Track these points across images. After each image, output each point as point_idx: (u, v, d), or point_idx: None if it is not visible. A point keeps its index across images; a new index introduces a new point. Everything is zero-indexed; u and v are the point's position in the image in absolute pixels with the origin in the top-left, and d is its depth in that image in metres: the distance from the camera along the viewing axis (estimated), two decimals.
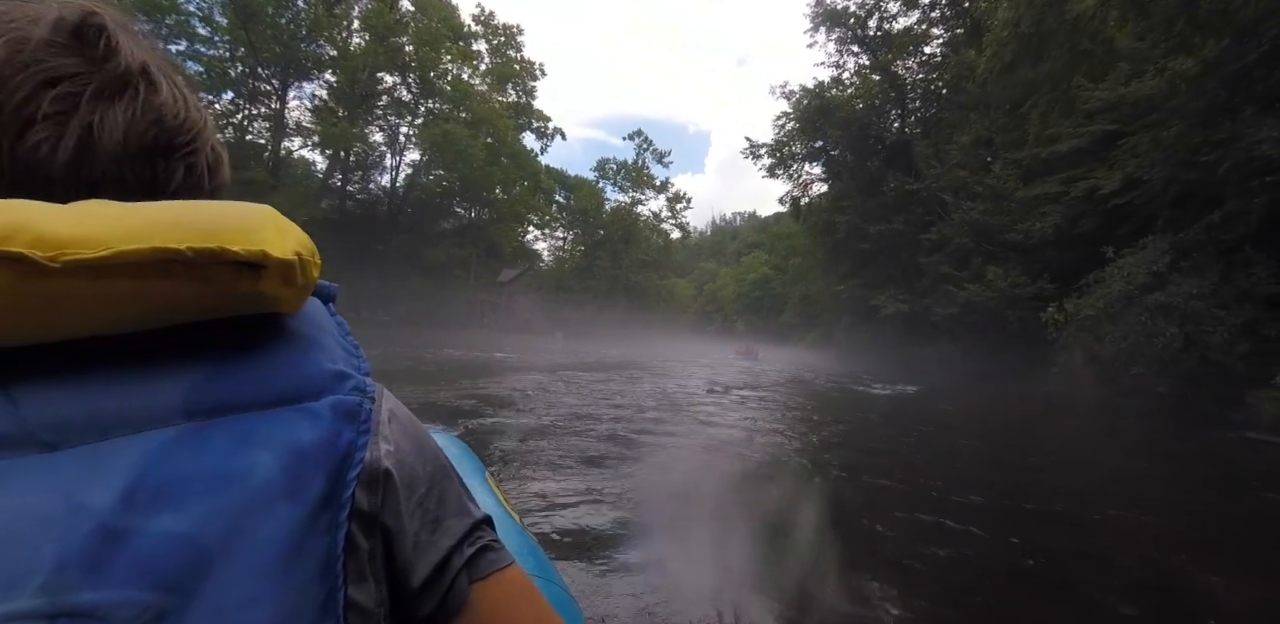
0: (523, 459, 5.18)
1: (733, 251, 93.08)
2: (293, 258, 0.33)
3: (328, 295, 0.43)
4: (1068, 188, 17.79)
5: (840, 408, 11.62)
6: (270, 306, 0.35)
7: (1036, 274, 17.35)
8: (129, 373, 0.32)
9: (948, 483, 5.35)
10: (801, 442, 7.16)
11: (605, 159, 56.24)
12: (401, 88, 34.01)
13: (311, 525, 0.31)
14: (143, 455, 0.29)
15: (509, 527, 1.23)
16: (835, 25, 25.65)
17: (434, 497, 0.41)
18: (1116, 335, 10.73)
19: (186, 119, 0.40)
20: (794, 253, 48.34)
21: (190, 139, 0.40)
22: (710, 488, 4.70)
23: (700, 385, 14.05)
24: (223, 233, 0.31)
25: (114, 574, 0.26)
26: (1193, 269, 10.40)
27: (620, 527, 3.54)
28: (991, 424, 9.87)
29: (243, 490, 0.30)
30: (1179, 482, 6.22)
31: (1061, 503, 4.96)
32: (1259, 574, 3.59)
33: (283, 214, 0.36)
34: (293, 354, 0.36)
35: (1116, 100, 17.82)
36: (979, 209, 19.02)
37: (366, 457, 0.36)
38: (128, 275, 0.29)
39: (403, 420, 0.42)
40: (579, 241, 52.98)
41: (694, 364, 24.88)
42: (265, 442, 0.32)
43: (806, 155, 28.89)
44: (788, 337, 54.13)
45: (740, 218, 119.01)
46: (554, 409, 8.06)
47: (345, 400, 0.36)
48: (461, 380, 10.94)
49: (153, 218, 0.31)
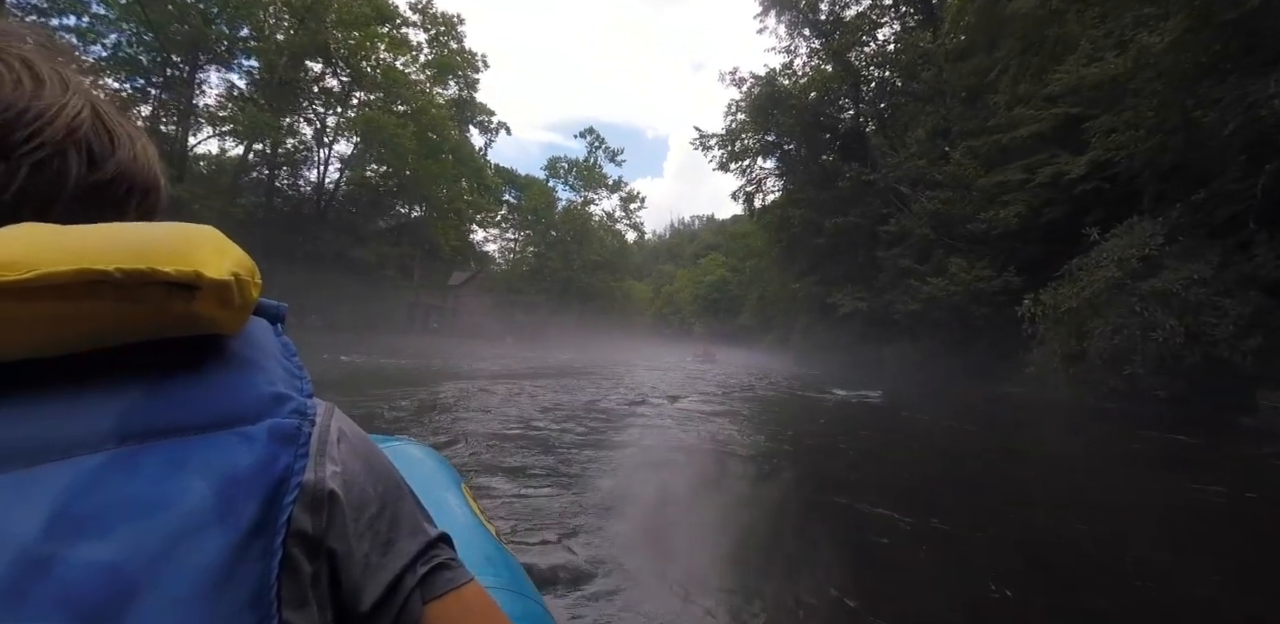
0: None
1: (690, 254, 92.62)
2: (228, 278, 0.32)
3: (275, 315, 0.42)
4: (1031, 174, 16.76)
5: (796, 421, 10.04)
6: (207, 328, 0.34)
7: (1002, 266, 16.20)
8: (61, 396, 0.31)
9: (921, 521, 4.04)
10: (754, 464, 6.08)
11: (556, 157, 54.26)
12: (330, 76, 31.41)
13: (244, 552, 0.30)
14: (70, 481, 0.28)
15: (484, 540, 1.16)
16: (785, 8, 24.34)
17: (385, 517, 0.41)
18: (1106, 330, 9.37)
19: (27, 110, 0.36)
20: (750, 254, 47.17)
21: (32, 133, 0.36)
22: (680, 496, 4.70)
23: (641, 395, 12.39)
24: (154, 254, 0.30)
25: (35, 603, 0.25)
26: (1186, 252, 9.14)
27: (593, 539, 3.45)
28: (967, 439, 8.35)
29: (172, 517, 0.29)
30: (1213, 515, 4.69)
31: (1071, 548, 3.68)
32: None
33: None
34: (231, 376, 0.35)
35: (1076, 83, 16.94)
36: (940, 198, 17.79)
37: (310, 479, 0.35)
38: (55, 297, 0.28)
39: (353, 440, 0.41)
40: (529, 242, 50.85)
41: (647, 369, 23.26)
42: (198, 466, 0.30)
43: (760, 150, 27.52)
44: (745, 339, 53.90)
45: (699, 221, 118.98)
46: (473, 423, 7.30)
47: (283, 424, 0.35)
48: (373, 390, 10.12)
49: (83, 239, 0.30)
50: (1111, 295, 9.46)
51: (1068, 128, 17.08)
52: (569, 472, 5.04)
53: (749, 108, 25.26)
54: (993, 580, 3.06)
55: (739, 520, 4.18)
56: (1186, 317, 8.44)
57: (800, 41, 25.09)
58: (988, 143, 18.23)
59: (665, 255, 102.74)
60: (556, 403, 9.86)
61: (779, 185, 28.80)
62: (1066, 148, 16.89)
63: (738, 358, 38.40)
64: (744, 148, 27.53)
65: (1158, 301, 8.74)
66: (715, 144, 27.03)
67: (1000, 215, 16.55)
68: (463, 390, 11.14)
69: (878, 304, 20.39)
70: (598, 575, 2.96)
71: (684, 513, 4.23)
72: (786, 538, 3.87)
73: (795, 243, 25.85)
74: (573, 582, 2.88)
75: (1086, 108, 16.52)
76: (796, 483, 5.30)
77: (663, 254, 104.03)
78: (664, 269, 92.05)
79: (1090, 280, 9.95)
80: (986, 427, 9.63)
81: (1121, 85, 13.86)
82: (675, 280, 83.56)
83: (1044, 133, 17.68)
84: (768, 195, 29.61)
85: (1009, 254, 16.53)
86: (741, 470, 5.67)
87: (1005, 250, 16.56)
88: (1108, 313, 9.44)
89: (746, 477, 5.45)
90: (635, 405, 10.03)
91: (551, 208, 50.56)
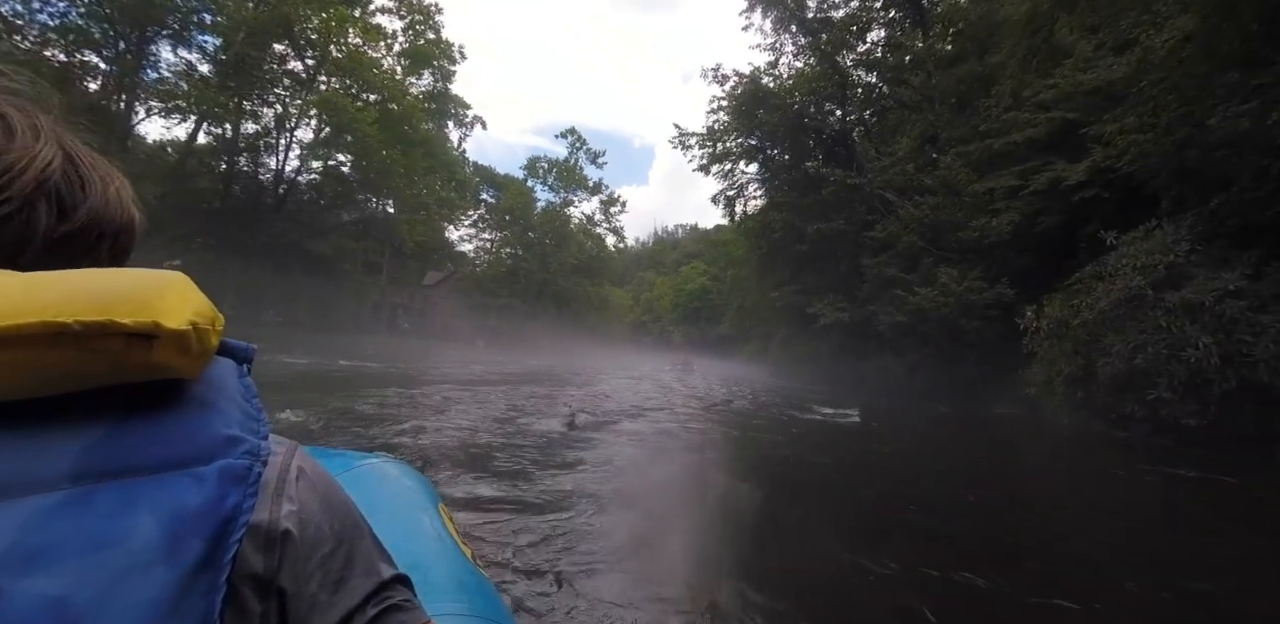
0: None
1: (672, 261, 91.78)
2: (186, 328, 0.33)
3: (243, 356, 0.43)
4: (1025, 181, 15.79)
5: (769, 445, 8.80)
6: (166, 374, 0.35)
7: (994, 278, 15.12)
8: (18, 437, 0.31)
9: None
10: (726, 491, 5.63)
11: (536, 157, 52.83)
12: (294, 59, 29.77)
13: (188, 588, 0.30)
14: (23, 519, 0.29)
15: (458, 564, 1.12)
16: (773, 5, 23.28)
17: (339, 556, 0.41)
18: (1125, 348, 8.20)
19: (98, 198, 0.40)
20: (731, 263, 46.00)
21: (101, 222, 0.41)
22: (659, 518, 4.49)
23: (617, 408, 11.22)
24: (114, 304, 0.31)
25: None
26: (1213, 260, 8.05)
27: (570, 563, 3.31)
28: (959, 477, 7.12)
29: (120, 553, 0.29)
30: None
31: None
32: None
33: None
34: (187, 419, 0.36)
35: (1072, 89, 16.12)
36: (929, 204, 16.70)
37: (264, 518, 0.36)
38: (16, 347, 0.29)
39: (312, 478, 0.42)
40: (505, 243, 49.34)
41: (624, 378, 21.95)
42: (149, 505, 0.31)
43: (742, 153, 26.39)
44: (724, 348, 53.08)
45: (682, 230, 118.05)
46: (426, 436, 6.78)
47: (234, 464, 0.36)
48: (321, 395, 9.41)
49: (46, 290, 0.31)
50: (1131, 308, 8.32)
51: (1065, 133, 16.25)
52: (538, 493, 4.74)
53: (731, 108, 24.11)
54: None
55: (719, 543, 4.10)
56: (1219, 334, 7.32)
57: (786, 38, 24.04)
58: (980, 148, 17.28)
59: (647, 262, 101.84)
60: (521, 414, 9.17)
61: (760, 191, 27.71)
62: (1062, 155, 16.04)
63: (716, 368, 37.31)
64: (725, 151, 26.38)
65: (1186, 315, 7.61)
66: (695, 143, 25.82)
67: (993, 224, 15.50)
68: (414, 398, 10.07)
69: (860, 315, 19.26)
70: (577, 605, 2.82)
71: (663, 536, 4.08)
72: (767, 567, 3.66)
73: (776, 250, 24.69)
74: (549, 609, 2.76)
75: (1084, 113, 15.74)
76: (772, 517, 4.92)
77: (645, 261, 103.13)
78: (645, 276, 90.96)
79: (1106, 290, 8.80)
80: (982, 458, 8.42)
81: (1122, 90, 13.01)
82: (655, 287, 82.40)
83: (1038, 138, 16.81)
84: (749, 201, 28.55)
85: (1001, 265, 15.48)
86: (715, 493, 5.47)
87: (997, 261, 15.52)
88: (1127, 328, 8.29)
89: (722, 499, 5.29)
90: (608, 424, 9.21)
91: (530, 208, 49.14)
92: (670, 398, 15.13)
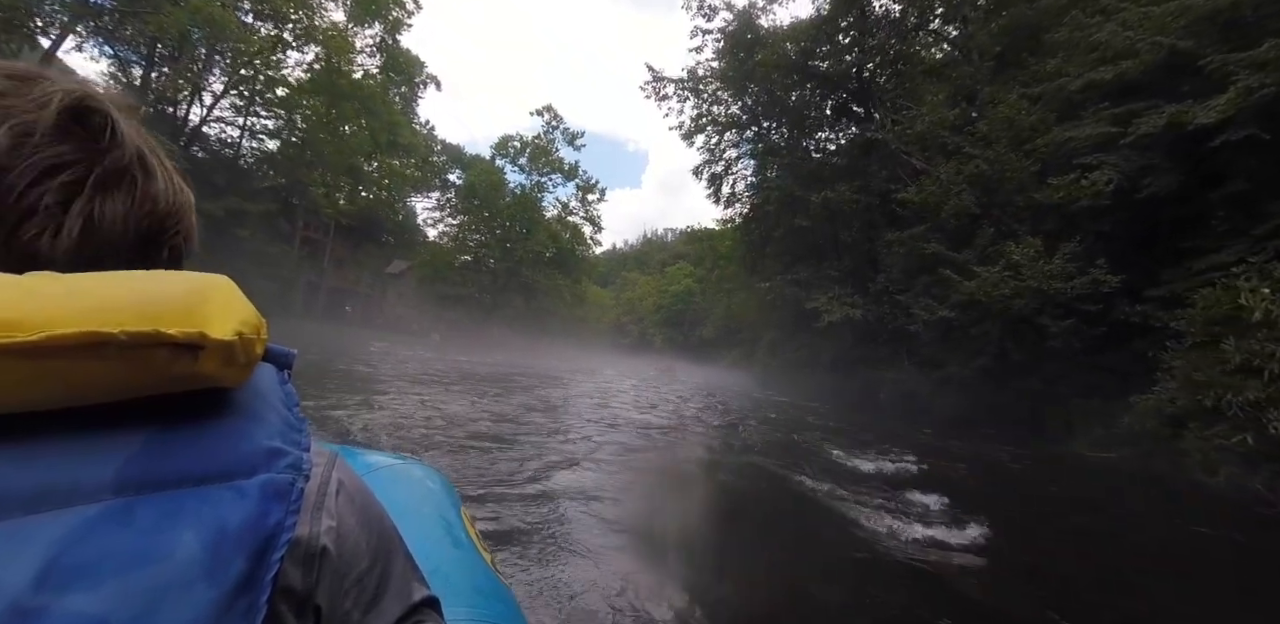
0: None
1: (658, 261, 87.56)
2: (233, 338, 0.33)
3: (284, 362, 0.42)
4: (1123, 128, 11.21)
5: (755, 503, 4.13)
6: (211, 383, 0.34)
7: (1086, 259, 10.46)
8: (61, 447, 0.30)
9: None
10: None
11: (509, 136, 47.69)
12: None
13: (229, 608, 0.30)
14: (65, 532, 0.28)
15: (478, 570, 1.12)
16: None
17: (375, 573, 0.41)
18: None
19: (174, 203, 0.42)
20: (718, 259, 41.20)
21: (177, 222, 0.42)
22: (671, 528, 4.28)
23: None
24: (162, 314, 0.31)
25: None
26: None
27: (588, 570, 3.23)
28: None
29: (162, 570, 0.28)
30: None
31: None
32: None
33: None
34: (230, 430, 0.35)
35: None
36: (985, 157, 11.93)
37: (303, 534, 0.36)
38: (61, 356, 0.28)
39: (351, 492, 0.42)
40: (467, 228, 44.33)
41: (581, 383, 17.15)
42: (191, 520, 0.30)
43: (729, 123, 21.60)
44: (706, 354, 49.60)
45: (672, 234, 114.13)
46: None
47: (276, 479, 0.35)
48: None
49: (91, 295, 0.30)
50: None
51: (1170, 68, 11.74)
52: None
53: (723, 51, 19.25)
54: None
55: (736, 553, 3.94)
56: None
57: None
58: (1050, 89, 12.74)
59: (633, 263, 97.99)
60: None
61: (752, 167, 22.87)
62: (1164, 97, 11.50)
63: (698, 376, 33.00)
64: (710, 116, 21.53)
65: None
66: (674, 92, 20.91)
67: (1081, 184, 10.83)
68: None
69: (876, 311, 14.51)
70: (599, 611, 2.79)
71: (676, 547, 3.91)
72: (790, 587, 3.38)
73: (769, 231, 19.89)
74: (566, 617, 2.74)
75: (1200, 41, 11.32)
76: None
77: (630, 262, 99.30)
78: (629, 276, 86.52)
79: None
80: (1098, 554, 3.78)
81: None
82: (638, 286, 77.71)
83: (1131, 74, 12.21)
84: (738, 181, 23.71)
85: (1090, 241, 10.84)
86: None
87: (1086, 235, 10.86)
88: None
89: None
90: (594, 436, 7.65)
91: (498, 190, 44.11)
92: (647, 418, 10.34)
